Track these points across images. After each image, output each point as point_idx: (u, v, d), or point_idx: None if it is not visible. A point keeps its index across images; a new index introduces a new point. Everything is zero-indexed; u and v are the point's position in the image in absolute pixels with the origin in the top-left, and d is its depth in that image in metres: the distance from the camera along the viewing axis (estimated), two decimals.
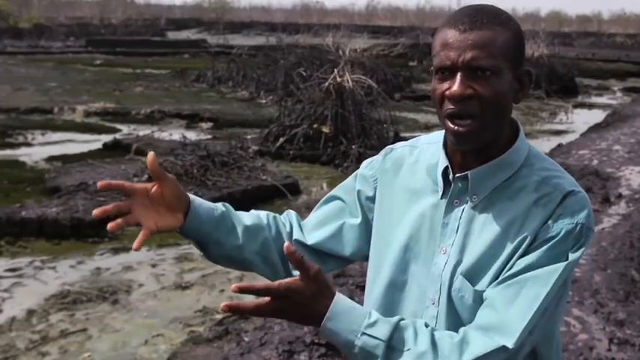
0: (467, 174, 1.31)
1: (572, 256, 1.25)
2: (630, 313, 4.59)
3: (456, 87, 1.24)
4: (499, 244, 1.28)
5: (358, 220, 1.50)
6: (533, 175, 1.31)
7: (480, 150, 1.31)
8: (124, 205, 1.31)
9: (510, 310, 1.22)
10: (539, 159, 1.35)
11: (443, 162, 1.36)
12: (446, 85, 1.26)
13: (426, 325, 1.25)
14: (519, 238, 1.27)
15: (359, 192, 1.50)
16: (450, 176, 1.34)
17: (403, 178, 1.44)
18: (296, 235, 1.52)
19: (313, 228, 1.52)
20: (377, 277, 1.44)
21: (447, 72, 1.26)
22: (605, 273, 5.29)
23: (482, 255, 1.29)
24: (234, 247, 1.44)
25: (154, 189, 1.33)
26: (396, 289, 1.40)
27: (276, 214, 1.55)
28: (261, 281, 1.29)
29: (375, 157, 1.53)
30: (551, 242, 1.25)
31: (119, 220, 1.29)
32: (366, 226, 1.50)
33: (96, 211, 1.27)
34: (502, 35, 1.25)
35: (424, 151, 1.44)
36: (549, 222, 1.25)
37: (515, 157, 1.32)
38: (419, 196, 1.40)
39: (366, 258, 1.51)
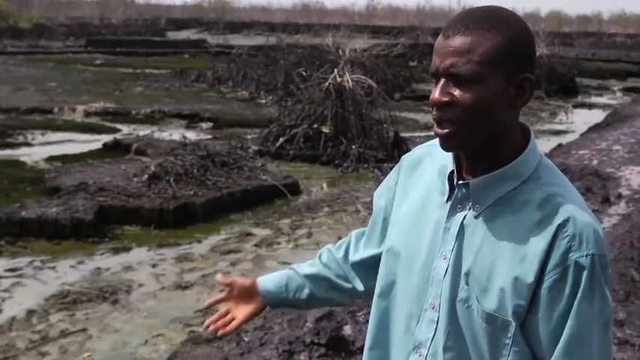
0: (469, 182, 1.31)
1: (601, 302, 1.22)
2: (630, 313, 4.59)
3: (435, 94, 1.26)
4: (502, 263, 1.26)
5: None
6: (538, 189, 1.27)
7: (478, 155, 1.30)
8: (228, 298, 1.70)
9: None
10: (547, 172, 1.30)
11: (451, 165, 1.36)
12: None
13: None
14: (523, 263, 1.24)
15: (386, 204, 1.54)
16: (455, 181, 1.34)
17: (418, 177, 1.46)
18: (351, 257, 1.66)
19: (362, 246, 1.65)
20: (383, 270, 1.46)
21: (436, 77, 1.28)
22: None
23: (484, 270, 1.27)
24: (310, 297, 1.69)
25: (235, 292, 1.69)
26: (395, 286, 1.42)
27: (332, 249, 1.71)
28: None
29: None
30: (570, 282, 1.21)
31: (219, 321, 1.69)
32: None
33: (206, 304, 1.71)
34: (489, 41, 1.22)
35: (441, 152, 1.41)
36: (559, 256, 1.21)
37: (522, 168, 1.28)
38: (428, 196, 1.40)
39: None
